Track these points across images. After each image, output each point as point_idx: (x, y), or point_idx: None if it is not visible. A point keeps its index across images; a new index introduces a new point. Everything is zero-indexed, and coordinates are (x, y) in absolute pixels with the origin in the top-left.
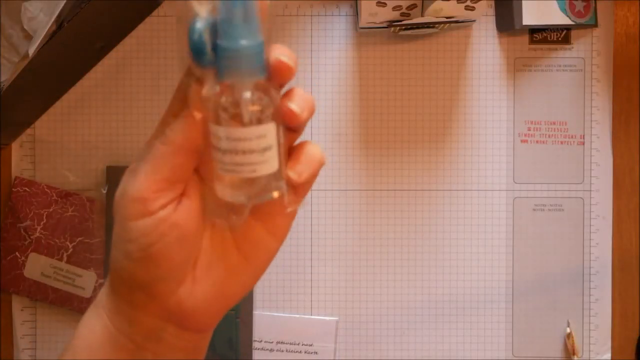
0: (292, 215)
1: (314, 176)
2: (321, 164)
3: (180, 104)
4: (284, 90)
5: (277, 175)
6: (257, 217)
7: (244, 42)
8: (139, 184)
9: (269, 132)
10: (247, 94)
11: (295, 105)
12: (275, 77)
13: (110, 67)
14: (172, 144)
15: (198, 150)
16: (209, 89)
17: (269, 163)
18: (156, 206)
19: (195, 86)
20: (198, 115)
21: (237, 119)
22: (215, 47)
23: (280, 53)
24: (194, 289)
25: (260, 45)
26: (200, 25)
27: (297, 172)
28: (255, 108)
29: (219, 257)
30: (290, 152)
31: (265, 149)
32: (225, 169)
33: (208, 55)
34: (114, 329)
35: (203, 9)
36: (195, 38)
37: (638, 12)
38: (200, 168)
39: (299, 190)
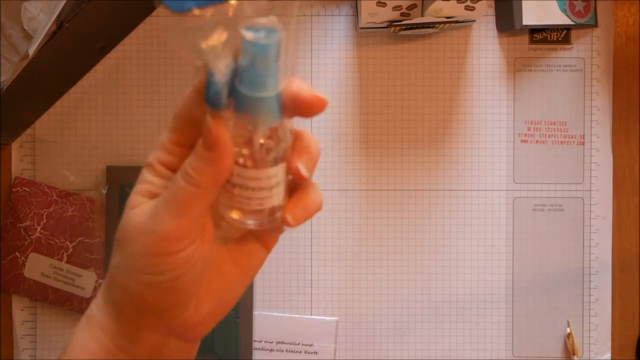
0: (282, 229)
1: (306, 220)
2: (319, 210)
3: (190, 134)
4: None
5: (280, 208)
6: (250, 231)
7: (264, 94)
8: (171, 225)
9: (280, 172)
10: (262, 141)
11: (303, 168)
12: (309, 111)
13: (110, 67)
14: (199, 185)
15: (223, 180)
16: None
17: (276, 197)
18: (188, 243)
19: (224, 131)
20: (227, 157)
21: (251, 159)
22: (232, 89)
23: (311, 89)
24: (198, 307)
25: (278, 95)
26: (218, 79)
27: (294, 216)
28: (268, 154)
29: (218, 272)
30: (293, 190)
31: (274, 187)
32: (234, 199)
33: (223, 104)
34: (114, 347)
35: (222, 64)
36: (213, 91)
37: (638, 12)
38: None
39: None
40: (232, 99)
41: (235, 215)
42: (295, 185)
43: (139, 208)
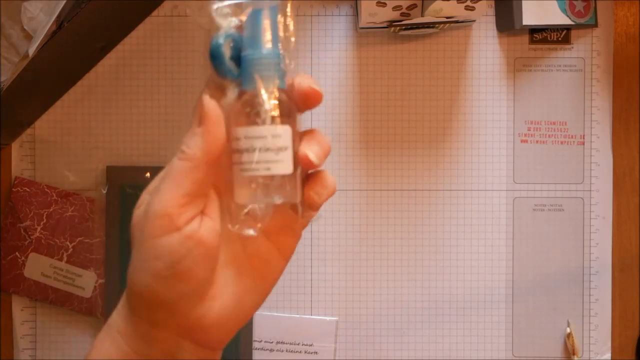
0: (298, 236)
1: (327, 199)
2: (334, 192)
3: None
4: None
5: (292, 183)
6: (268, 236)
7: (264, 51)
8: (164, 201)
9: (285, 133)
10: (265, 95)
11: (312, 153)
12: (305, 103)
13: (110, 67)
14: (191, 159)
15: (215, 163)
16: (228, 98)
17: (284, 163)
18: (182, 221)
19: (212, 99)
20: (216, 128)
21: (256, 116)
22: (236, 59)
23: (311, 81)
24: (213, 306)
25: (279, 55)
26: (220, 38)
27: (317, 192)
28: (272, 110)
29: (234, 275)
30: (309, 176)
31: (280, 149)
32: (243, 168)
33: (226, 65)
34: (131, 351)
35: (226, 23)
36: (214, 49)
37: (638, 12)
38: (218, 184)
39: (312, 209)
40: (235, 66)
41: (246, 191)
42: (308, 176)
43: (144, 205)
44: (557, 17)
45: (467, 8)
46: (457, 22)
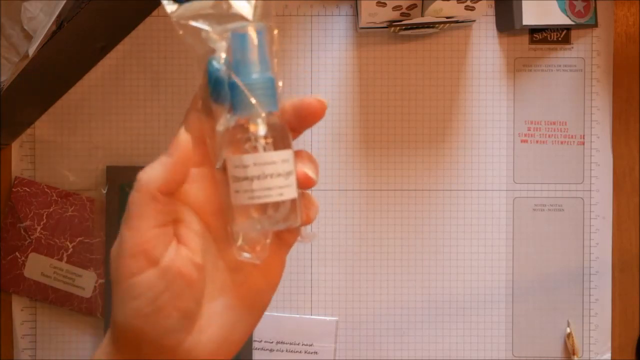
0: (284, 263)
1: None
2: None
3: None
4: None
5: (294, 207)
6: (255, 265)
7: (256, 76)
8: (133, 238)
9: (290, 157)
10: (263, 126)
11: (311, 172)
12: (306, 119)
13: (110, 67)
14: (144, 192)
15: (176, 188)
16: (222, 124)
17: (292, 188)
18: (156, 254)
19: (187, 134)
20: (182, 162)
21: (255, 149)
22: (229, 83)
23: (313, 96)
24: (200, 338)
25: (271, 79)
26: (217, 62)
27: (310, 212)
28: (270, 139)
29: (222, 306)
30: (300, 199)
31: (289, 173)
32: (255, 195)
33: (225, 91)
34: None
35: (221, 45)
36: (213, 74)
37: (638, 12)
38: (198, 207)
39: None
40: (231, 94)
41: (254, 219)
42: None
43: (116, 241)
44: (557, 17)
45: (467, 8)
46: (457, 22)
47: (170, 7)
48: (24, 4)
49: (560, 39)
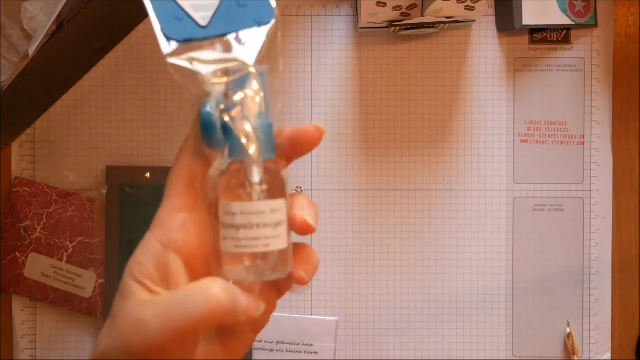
0: (274, 308)
1: (314, 274)
2: (318, 267)
3: (189, 196)
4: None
5: (284, 257)
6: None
7: (254, 121)
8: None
9: (281, 207)
10: (257, 174)
11: (310, 218)
12: (310, 142)
13: (110, 67)
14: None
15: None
16: (215, 168)
17: (281, 239)
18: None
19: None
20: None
21: (249, 196)
22: (224, 128)
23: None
24: None
25: (269, 125)
26: (211, 107)
27: (306, 272)
28: (264, 186)
29: (203, 352)
30: (296, 254)
31: (278, 224)
32: (241, 244)
33: (218, 135)
34: None
35: (217, 88)
36: (205, 118)
37: (638, 12)
38: (196, 266)
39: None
40: (226, 139)
41: (240, 267)
42: (295, 253)
43: (134, 301)
44: (557, 17)
45: (467, 8)
46: (457, 22)
47: (165, 47)
48: (24, 4)
49: (560, 39)
